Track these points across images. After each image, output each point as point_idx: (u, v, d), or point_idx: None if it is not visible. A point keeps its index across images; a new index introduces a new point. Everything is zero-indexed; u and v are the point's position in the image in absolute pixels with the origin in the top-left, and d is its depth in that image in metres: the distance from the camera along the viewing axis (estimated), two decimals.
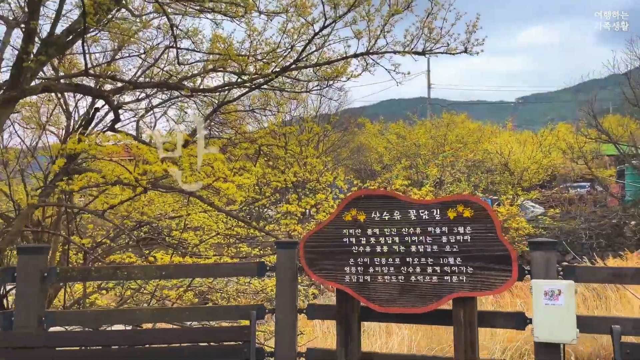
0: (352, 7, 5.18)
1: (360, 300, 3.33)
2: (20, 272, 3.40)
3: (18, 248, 3.44)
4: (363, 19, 5.65)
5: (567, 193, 27.74)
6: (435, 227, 3.19)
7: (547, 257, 3.11)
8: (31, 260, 3.42)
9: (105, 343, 3.35)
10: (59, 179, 4.74)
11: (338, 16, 5.11)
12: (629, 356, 2.84)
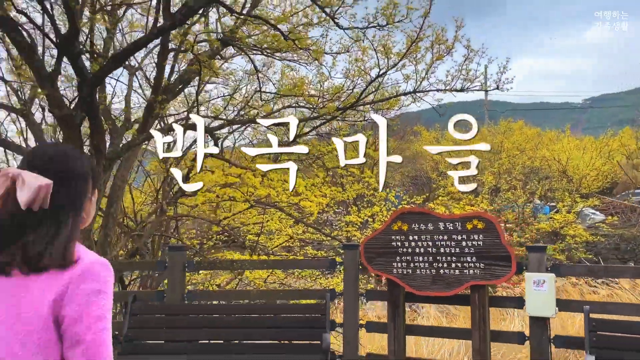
0: (402, 58, 6.56)
1: (404, 287, 4.70)
2: (170, 263, 5.04)
3: (169, 247, 5.10)
4: (411, 63, 7.04)
5: (627, 200, 27.43)
6: (458, 235, 4.52)
7: (539, 257, 4.37)
8: (177, 255, 5.05)
9: (228, 312, 4.92)
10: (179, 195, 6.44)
11: (390, 66, 6.50)
12: (595, 327, 4.06)
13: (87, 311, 1.32)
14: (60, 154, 1.47)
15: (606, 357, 3.93)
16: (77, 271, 1.35)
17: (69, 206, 1.43)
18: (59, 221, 1.38)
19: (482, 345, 4.40)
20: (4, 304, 1.32)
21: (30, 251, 1.33)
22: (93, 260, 1.38)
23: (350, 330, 4.87)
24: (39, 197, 1.35)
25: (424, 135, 32.46)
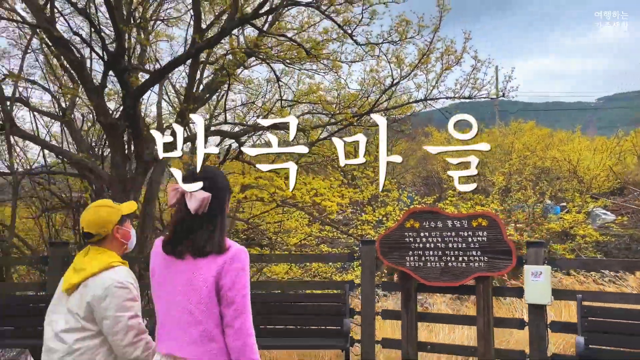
0: (414, 69, 7.11)
1: (416, 278, 5.25)
2: None
3: None
4: (422, 72, 7.59)
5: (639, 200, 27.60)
6: (464, 231, 5.06)
7: (537, 251, 4.90)
8: None
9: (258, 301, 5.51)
10: None
11: (402, 77, 7.06)
12: (586, 313, 4.59)
13: (236, 282, 2.02)
14: (212, 174, 2.17)
15: (596, 339, 4.46)
16: (229, 255, 2.04)
17: (219, 211, 2.11)
18: (214, 222, 2.07)
19: (486, 330, 4.94)
20: (180, 278, 2.04)
21: (198, 243, 2.02)
22: (238, 248, 2.07)
23: (368, 317, 5.44)
24: (202, 206, 2.03)
25: (434, 136, 32.88)
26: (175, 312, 2.07)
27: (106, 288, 2.40)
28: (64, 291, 2.52)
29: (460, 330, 6.65)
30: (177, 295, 2.06)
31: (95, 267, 2.45)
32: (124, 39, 5.35)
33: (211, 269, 2.02)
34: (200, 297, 2.01)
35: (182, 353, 2.06)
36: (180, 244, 2.07)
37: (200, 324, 2.03)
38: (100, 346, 2.42)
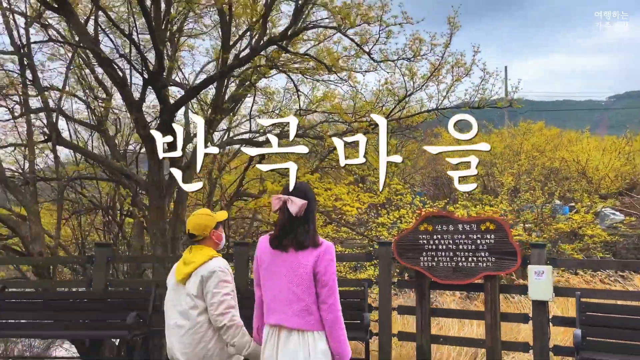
0: (427, 81, 7.63)
1: (429, 277, 5.77)
2: (236, 255, 6.20)
3: (235, 243, 6.26)
4: (434, 84, 8.11)
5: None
6: (473, 234, 5.58)
7: (539, 252, 5.41)
8: (241, 249, 6.22)
9: None
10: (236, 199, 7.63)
11: (415, 89, 7.58)
12: (584, 309, 5.09)
13: (328, 269, 2.76)
14: (305, 187, 2.89)
15: (592, 332, 4.96)
16: (322, 249, 2.75)
17: (311, 215, 2.83)
18: (309, 223, 2.79)
19: (493, 324, 5.46)
20: (285, 266, 2.76)
21: (299, 239, 2.74)
22: (329, 244, 2.79)
23: (385, 312, 5.97)
24: (300, 210, 2.76)
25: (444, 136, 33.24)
26: (281, 292, 2.81)
27: (211, 271, 3.21)
28: (178, 281, 3.30)
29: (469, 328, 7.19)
30: (283, 279, 2.81)
31: (201, 259, 3.26)
32: (163, 58, 5.92)
33: (309, 259, 2.76)
34: (301, 280, 2.75)
35: (288, 323, 2.79)
36: (284, 240, 2.82)
37: (302, 300, 2.77)
38: (209, 321, 3.20)
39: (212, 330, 3.19)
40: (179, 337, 3.21)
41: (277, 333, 2.84)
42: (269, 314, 2.88)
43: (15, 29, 7.25)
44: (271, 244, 2.88)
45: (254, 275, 3.08)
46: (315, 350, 2.78)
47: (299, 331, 2.79)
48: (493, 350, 5.45)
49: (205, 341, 3.18)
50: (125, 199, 10.05)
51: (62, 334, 6.56)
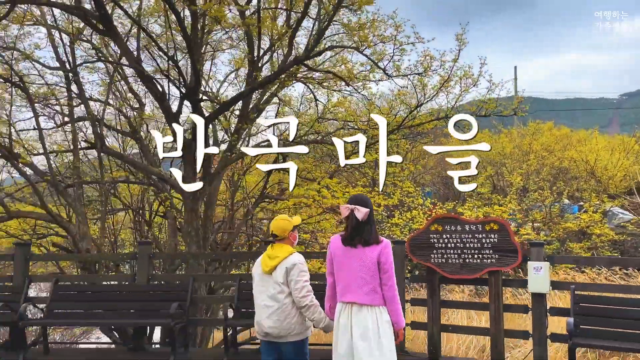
0: (437, 93, 8.30)
1: (439, 272, 6.44)
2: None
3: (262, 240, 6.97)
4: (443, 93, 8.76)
5: None
6: (479, 234, 6.24)
7: (538, 250, 6.07)
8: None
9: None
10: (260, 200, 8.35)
11: (426, 99, 8.26)
12: (578, 300, 5.74)
13: (388, 260, 3.69)
14: (365, 198, 3.77)
15: (585, 321, 5.61)
16: (383, 245, 3.69)
17: (372, 219, 3.73)
18: (371, 225, 3.69)
19: (497, 314, 6.13)
20: (355, 258, 3.69)
21: (365, 238, 3.65)
22: (387, 241, 3.69)
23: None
24: (365, 216, 3.67)
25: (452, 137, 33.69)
26: (353, 278, 3.83)
27: (293, 263, 4.12)
28: (265, 272, 4.20)
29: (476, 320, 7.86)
30: (353, 268, 3.81)
31: (283, 254, 4.18)
32: (200, 76, 6.62)
33: (374, 253, 3.78)
34: (369, 269, 3.77)
35: (360, 300, 3.81)
36: (354, 238, 3.80)
37: (369, 284, 3.79)
38: (292, 303, 4.12)
39: (295, 309, 4.12)
40: (268, 314, 4.15)
41: (350, 308, 3.87)
42: (343, 294, 3.91)
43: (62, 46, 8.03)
44: (343, 242, 3.87)
45: (327, 265, 4.07)
46: (381, 319, 3.84)
47: (368, 306, 3.83)
48: (497, 338, 6.12)
49: (290, 317, 4.11)
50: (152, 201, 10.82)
51: (112, 322, 7.32)
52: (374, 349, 3.76)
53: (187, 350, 6.85)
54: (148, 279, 7.01)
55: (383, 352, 3.77)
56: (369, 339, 3.76)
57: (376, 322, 3.79)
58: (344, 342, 3.87)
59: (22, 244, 7.32)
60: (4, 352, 6.72)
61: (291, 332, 4.12)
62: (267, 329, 4.14)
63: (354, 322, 3.81)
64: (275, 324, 4.12)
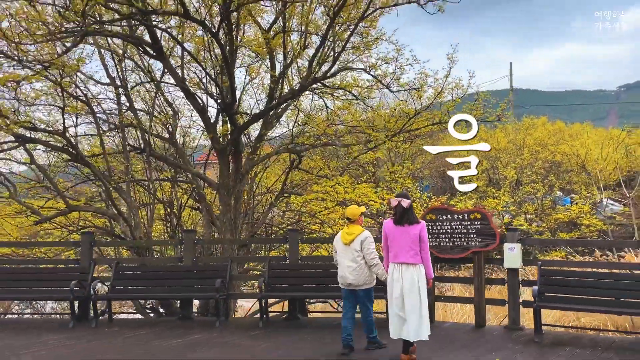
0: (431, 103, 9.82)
1: (434, 253, 7.98)
2: (290, 239, 8.45)
3: (289, 229, 8.52)
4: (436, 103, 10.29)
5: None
6: (465, 222, 7.79)
7: (512, 234, 7.64)
8: (294, 234, 8.47)
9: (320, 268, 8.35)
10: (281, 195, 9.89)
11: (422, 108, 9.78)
12: (543, 273, 7.30)
13: (424, 234, 5.87)
14: (406, 193, 5.77)
15: (547, 289, 7.17)
16: (421, 224, 5.71)
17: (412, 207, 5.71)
18: (412, 211, 5.69)
19: (480, 286, 7.70)
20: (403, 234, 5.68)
21: (410, 219, 5.66)
22: (423, 221, 5.68)
23: None
24: (408, 205, 5.64)
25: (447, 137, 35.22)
26: (403, 246, 5.73)
27: (365, 237, 6.11)
28: (345, 244, 6.14)
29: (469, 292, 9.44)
30: (402, 240, 5.73)
31: (358, 231, 6.15)
32: (235, 91, 8.12)
33: (416, 230, 5.73)
34: (413, 240, 5.71)
35: (408, 260, 5.71)
36: (402, 220, 5.74)
37: (413, 250, 5.72)
38: (365, 263, 6.05)
39: (367, 267, 6.09)
40: (350, 271, 6.12)
41: (400, 266, 5.79)
42: (395, 257, 5.83)
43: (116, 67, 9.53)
44: (395, 223, 5.83)
45: (383, 240, 6.01)
46: (420, 273, 5.79)
47: (413, 265, 5.75)
48: (480, 304, 7.70)
49: (364, 273, 6.10)
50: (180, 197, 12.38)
51: (167, 295, 8.88)
52: (417, 293, 5.74)
53: (227, 319, 8.42)
54: (193, 260, 8.56)
55: (422, 295, 5.78)
56: (414, 286, 5.72)
57: (417, 274, 5.77)
58: (397, 289, 5.78)
59: (88, 233, 8.87)
60: (76, 322, 8.25)
61: (365, 282, 6.12)
62: (350, 280, 6.13)
63: (404, 275, 5.75)
64: (354, 277, 6.11)
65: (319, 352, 6.41)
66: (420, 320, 5.73)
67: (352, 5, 8.10)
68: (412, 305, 5.69)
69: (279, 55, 9.80)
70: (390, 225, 5.89)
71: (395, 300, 5.77)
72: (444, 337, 6.95)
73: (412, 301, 5.70)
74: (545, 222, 26.03)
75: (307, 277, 8.36)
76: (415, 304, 5.70)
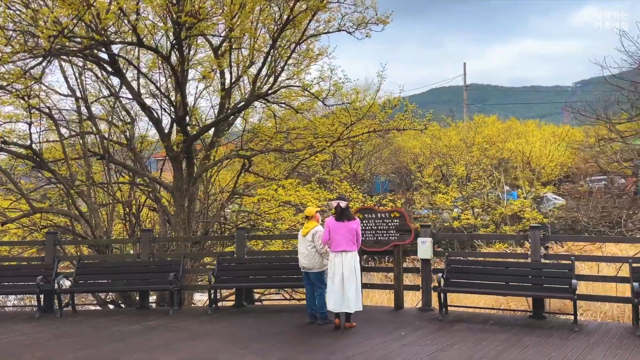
0: (364, 115, 11.19)
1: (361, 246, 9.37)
2: (237, 236, 9.68)
3: (237, 227, 9.77)
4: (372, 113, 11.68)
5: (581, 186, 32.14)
6: (387, 220, 9.20)
7: (425, 230, 9.10)
8: (241, 232, 9.71)
9: (266, 262, 9.62)
10: (232, 196, 11.12)
11: (358, 119, 11.14)
12: (449, 263, 8.78)
13: (359, 228, 7.72)
14: (343, 196, 7.64)
15: (452, 276, 8.64)
16: (357, 220, 7.58)
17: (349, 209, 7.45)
18: (350, 211, 7.49)
19: (399, 275, 9.14)
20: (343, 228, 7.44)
21: (348, 217, 7.49)
22: (357, 219, 7.46)
23: None
24: (346, 205, 7.44)
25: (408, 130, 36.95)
26: (342, 238, 7.49)
27: (317, 231, 7.81)
28: (303, 235, 7.86)
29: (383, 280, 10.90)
30: (343, 233, 7.49)
31: (312, 226, 7.84)
32: (187, 106, 9.26)
33: (353, 224, 7.59)
34: (351, 232, 7.53)
35: (347, 248, 7.49)
36: (342, 217, 7.53)
37: (351, 240, 7.54)
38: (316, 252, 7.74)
39: (318, 254, 7.73)
40: (304, 257, 7.81)
41: (341, 254, 7.44)
42: (336, 247, 7.46)
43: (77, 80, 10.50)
44: (336, 220, 7.48)
45: (325, 232, 7.58)
46: (356, 258, 7.53)
47: (351, 252, 7.45)
48: (398, 290, 9.15)
49: (316, 258, 7.76)
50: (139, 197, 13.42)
51: (126, 287, 9.99)
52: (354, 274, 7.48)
53: (181, 308, 9.61)
54: (149, 256, 9.70)
55: (357, 276, 7.56)
56: (352, 268, 7.45)
57: (354, 259, 7.54)
58: (339, 272, 7.45)
59: (52, 233, 9.89)
60: (42, 313, 9.28)
61: (315, 266, 7.79)
62: (304, 264, 7.86)
63: (344, 260, 7.46)
64: (307, 262, 7.84)
65: (254, 330, 7.73)
66: (357, 295, 7.53)
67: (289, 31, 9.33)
68: (351, 284, 7.43)
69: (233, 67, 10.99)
70: (332, 222, 7.55)
71: (337, 280, 7.45)
72: (367, 318, 8.34)
73: (350, 281, 7.44)
74: (490, 216, 28.04)
75: (252, 269, 9.63)
76: (353, 282, 7.46)
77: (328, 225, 7.60)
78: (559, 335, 7.22)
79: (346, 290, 7.43)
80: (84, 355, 6.72)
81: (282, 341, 7.21)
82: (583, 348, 6.63)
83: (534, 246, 8.47)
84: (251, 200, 11.61)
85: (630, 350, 6.54)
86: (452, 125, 38.45)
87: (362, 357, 6.44)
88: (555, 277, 8.15)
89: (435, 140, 35.13)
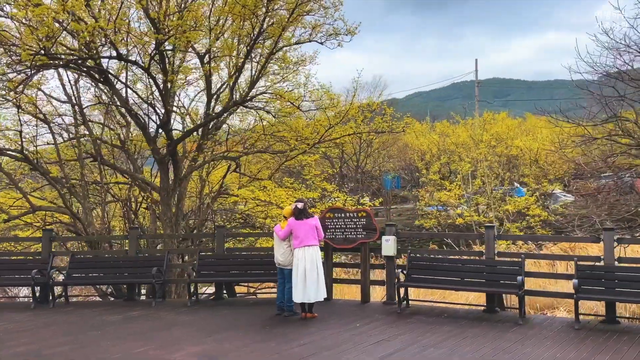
0: (342, 119, 11.85)
1: (331, 244, 10.05)
2: (217, 234, 10.47)
3: (216, 226, 10.56)
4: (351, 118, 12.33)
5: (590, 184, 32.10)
6: (355, 219, 9.87)
7: (390, 228, 9.75)
8: (221, 230, 10.49)
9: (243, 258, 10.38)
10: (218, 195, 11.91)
11: (336, 123, 11.81)
12: (411, 259, 9.42)
13: (319, 224, 8.63)
14: (302, 199, 8.59)
15: (414, 272, 9.27)
16: (315, 218, 8.52)
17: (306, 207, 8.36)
18: (308, 210, 8.46)
19: (365, 271, 9.82)
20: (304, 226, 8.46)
21: (307, 215, 8.33)
22: (315, 216, 8.41)
23: None
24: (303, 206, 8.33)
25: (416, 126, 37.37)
26: (305, 234, 8.34)
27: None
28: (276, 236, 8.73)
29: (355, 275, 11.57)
30: (304, 229, 8.35)
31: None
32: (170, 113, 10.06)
33: (312, 222, 8.47)
34: (312, 228, 8.41)
35: (309, 243, 8.33)
36: (301, 216, 8.39)
37: (312, 235, 8.39)
38: (291, 250, 8.51)
39: (290, 250, 8.43)
40: (280, 254, 8.55)
41: (304, 249, 8.26)
42: (300, 243, 8.28)
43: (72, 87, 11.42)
44: (296, 219, 8.35)
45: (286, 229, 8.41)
46: (318, 252, 8.42)
47: (313, 246, 8.31)
48: (365, 284, 9.83)
49: (288, 253, 8.48)
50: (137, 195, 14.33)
51: (113, 281, 10.87)
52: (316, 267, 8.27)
53: (164, 300, 10.45)
54: (136, 252, 10.55)
55: (319, 268, 8.33)
56: (314, 262, 8.26)
57: (316, 253, 8.36)
58: (302, 265, 8.22)
59: (48, 230, 10.83)
60: (37, 304, 10.20)
61: (289, 263, 8.48)
62: (280, 261, 8.59)
63: (306, 254, 8.26)
64: (283, 259, 8.59)
65: (226, 320, 8.50)
66: (318, 287, 8.30)
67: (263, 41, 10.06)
68: (312, 276, 8.23)
69: (221, 72, 11.79)
70: (293, 221, 8.41)
71: (300, 273, 8.24)
72: (332, 310, 9.04)
73: (312, 273, 8.24)
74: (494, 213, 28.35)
75: (231, 265, 10.40)
76: (314, 275, 8.26)
77: (290, 224, 8.46)
78: (501, 328, 7.82)
79: (307, 281, 8.20)
80: (63, 342, 7.57)
81: (247, 330, 7.96)
82: (518, 339, 7.22)
83: (488, 245, 9.05)
84: (229, 201, 12.44)
85: (560, 342, 7.09)
86: (461, 122, 38.65)
87: (312, 345, 7.14)
88: (506, 274, 8.74)
89: (443, 137, 35.34)
